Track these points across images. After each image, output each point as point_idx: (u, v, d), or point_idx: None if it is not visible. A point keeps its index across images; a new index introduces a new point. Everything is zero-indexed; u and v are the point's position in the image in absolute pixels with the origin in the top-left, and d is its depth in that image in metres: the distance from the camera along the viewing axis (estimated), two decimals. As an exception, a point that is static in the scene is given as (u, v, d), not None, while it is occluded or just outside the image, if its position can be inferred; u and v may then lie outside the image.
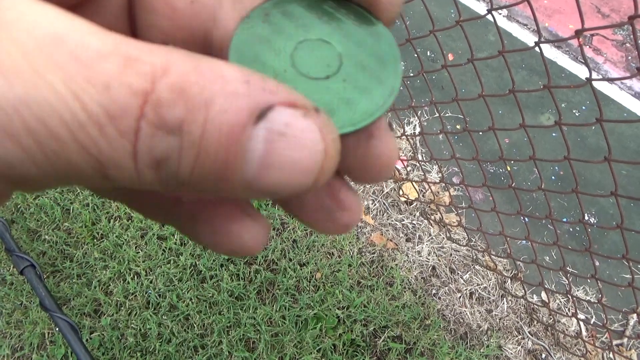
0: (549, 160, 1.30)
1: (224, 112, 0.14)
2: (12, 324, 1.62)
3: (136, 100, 0.13)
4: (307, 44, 0.20)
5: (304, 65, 0.19)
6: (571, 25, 2.84)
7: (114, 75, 0.13)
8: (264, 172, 0.15)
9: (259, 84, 0.15)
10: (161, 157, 0.14)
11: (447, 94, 2.39)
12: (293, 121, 0.15)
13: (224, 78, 0.14)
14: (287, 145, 0.15)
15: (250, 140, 0.14)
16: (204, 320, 1.65)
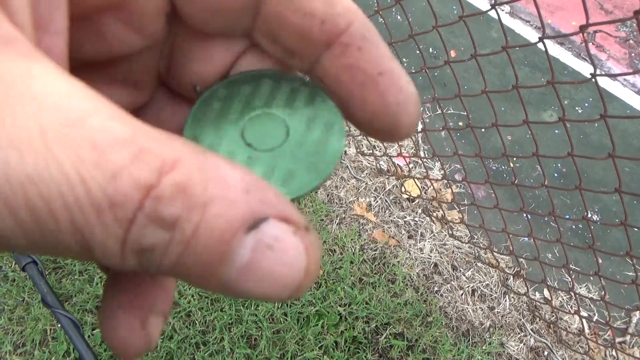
0: (552, 157, 1.29)
1: (219, 217, 0.14)
2: (14, 320, 1.62)
3: (138, 193, 0.14)
4: (255, 119, 0.21)
5: (256, 140, 0.21)
6: (574, 22, 2.83)
7: (123, 166, 0.14)
8: (243, 279, 0.15)
9: (258, 195, 0.15)
10: (148, 247, 0.15)
11: (449, 90, 2.38)
12: (282, 236, 0.15)
13: (226, 183, 0.15)
14: (272, 258, 0.15)
15: (238, 247, 0.15)
16: (205, 317, 1.65)
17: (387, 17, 2.08)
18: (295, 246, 0.15)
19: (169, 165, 0.14)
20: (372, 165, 2.07)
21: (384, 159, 2.07)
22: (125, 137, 0.14)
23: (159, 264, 0.15)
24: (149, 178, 0.14)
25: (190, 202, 0.14)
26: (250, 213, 0.15)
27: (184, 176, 0.14)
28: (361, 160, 2.09)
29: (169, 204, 0.14)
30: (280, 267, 0.15)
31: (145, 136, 0.15)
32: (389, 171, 2.05)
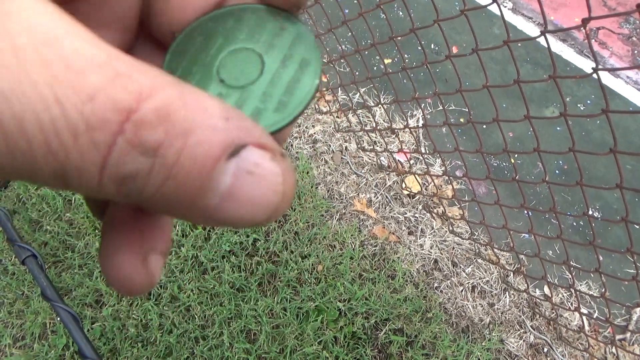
0: (553, 152, 1.29)
1: (201, 144, 0.15)
2: (13, 313, 1.62)
3: (118, 115, 0.14)
4: (233, 54, 0.21)
5: (230, 76, 0.21)
6: (577, 18, 2.81)
7: (100, 87, 0.14)
8: (225, 204, 0.16)
9: (237, 122, 0.16)
10: (129, 175, 0.14)
11: (450, 86, 2.37)
12: (261, 162, 0.16)
13: (207, 111, 0.15)
14: (252, 183, 0.16)
15: (220, 173, 0.15)
16: (205, 311, 1.65)
17: (389, 12, 2.07)
18: (273, 171, 0.16)
19: (147, 91, 0.14)
20: (373, 161, 2.06)
21: (385, 155, 2.06)
22: (100, 60, 0.14)
23: (140, 192, 0.15)
24: (128, 101, 0.14)
25: (172, 128, 0.14)
26: (231, 140, 0.15)
27: (164, 102, 0.14)
28: (362, 156, 2.08)
29: (151, 130, 0.14)
30: (259, 190, 0.16)
31: (122, 62, 0.14)
32: (390, 167, 2.04)
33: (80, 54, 0.14)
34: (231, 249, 1.76)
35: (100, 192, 0.15)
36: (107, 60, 0.14)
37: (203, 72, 0.21)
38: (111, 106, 0.14)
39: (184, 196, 0.15)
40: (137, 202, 0.15)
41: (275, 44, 0.22)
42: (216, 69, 0.21)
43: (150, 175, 0.15)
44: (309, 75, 0.21)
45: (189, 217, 0.16)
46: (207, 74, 0.21)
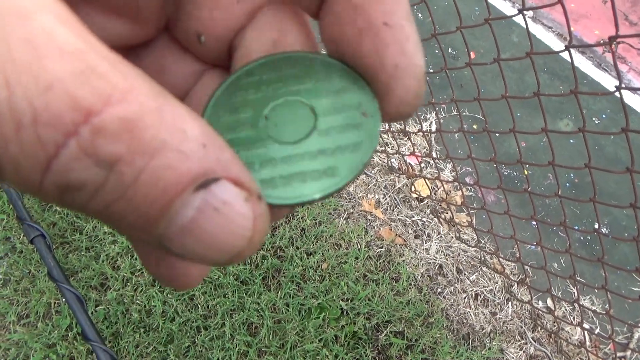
0: (568, 167, 1.28)
1: (167, 168, 0.13)
2: (19, 291, 1.63)
3: (74, 115, 0.12)
4: (279, 108, 0.19)
5: (279, 131, 0.19)
6: (597, 31, 2.79)
7: (62, 78, 0.12)
8: (182, 238, 0.14)
9: (215, 153, 0.14)
10: (75, 184, 0.13)
11: (465, 92, 2.36)
12: (232, 201, 0.14)
13: (184, 133, 0.13)
14: (216, 222, 0.14)
15: (183, 205, 0.13)
16: (208, 301, 1.66)
17: (409, 14, 2.06)
18: (243, 214, 0.14)
19: (119, 95, 0.12)
20: (384, 162, 2.06)
21: (396, 157, 2.06)
22: (73, 48, 0.12)
23: (84, 205, 0.13)
24: (92, 102, 0.12)
25: (137, 144, 0.13)
26: (202, 170, 0.14)
27: (135, 113, 0.12)
28: (372, 157, 2.08)
29: (110, 140, 0.12)
30: (223, 232, 0.14)
31: (98, 55, 0.13)
32: (400, 169, 2.04)
33: (50, 36, 0.12)
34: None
35: (40, 195, 0.13)
36: (81, 49, 0.12)
37: (253, 128, 0.19)
38: (69, 102, 0.12)
39: (137, 220, 0.14)
40: (81, 212, 0.14)
41: (331, 103, 0.19)
42: (265, 124, 0.19)
43: (101, 190, 0.13)
44: (359, 153, 0.19)
45: (138, 239, 0.15)
46: (258, 131, 0.19)
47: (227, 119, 0.19)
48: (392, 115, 0.18)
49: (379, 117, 0.19)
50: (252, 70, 0.20)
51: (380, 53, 0.17)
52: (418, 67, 0.17)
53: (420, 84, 0.18)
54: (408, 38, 0.17)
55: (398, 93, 0.18)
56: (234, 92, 0.20)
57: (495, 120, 2.24)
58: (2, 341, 1.54)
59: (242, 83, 0.20)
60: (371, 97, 0.19)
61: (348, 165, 0.18)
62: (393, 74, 0.17)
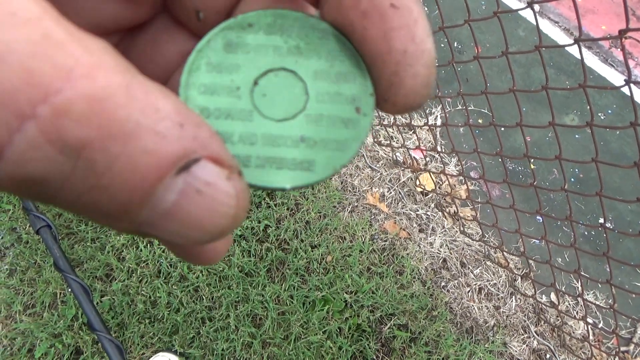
0: (575, 161, 1.28)
1: (145, 153, 0.12)
2: (25, 281, 1.64)
3: (31, 92, 0.10)
4: (272, 76, 0.18)
5: (266, 103, 0.18)
6: (604, 26, 2.78)
7: (17, 50, 0.10)
8: (164, 223, 0.13)
9: (192, 131, 0.13)
10: (36, 176, 0.11)
11: (471, 86, 2.35)
12: (215, 181, 0.13)
13: (158, 112, 0.12)
14: (200, 204, 0.13)
15: (164, 190, 0.13)
16: (213, 293, 1.67)
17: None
18: (226, 192, 0.14)
19: (83, 70, 0.11)
20: (388, 156, 2.06)
21: (401, 151, 2.06)
22: (30, 15, 0.11)
23: (51, 198, 0.12)
24: (51, 77, 0.10)
25: (108, 126, 0.11)
26: (183, 152, 0.12)
27: (103, 90, 0.11)
28: (377, 150, 2.08)
29: (77, 123, 0.11)
30: (207, 212, 0.13)
31: (59, 26, 0.11)
32: (405, 163, 2.04)
33: (3, 2, 0.10)
34: (242, 233, 1.78)
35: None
36: (39, 16, 0.11)
37: (238, 98, 0.18)
38: (23, 77, 0.10)
39: (114, 210, 0.12)
40: (49, 205, 0.13)
41: (323, 73, 0.18)
42: (251, 95, 0.18)
43: (69, 180, 0.11)
44: (354, 128, 0.18)
45: (119, 229, 0.14)
46: (242, 101, 0.18)
47: (210, 78, 0.18)
48: (400, 106, 0.17)
49: (371, 117, 0.18)
50: (252, 22, 0.18)
51: (387, 38, 0.16)
52: (428, 53, 0.16)
53: (431, 71, 0.16)
54: (417, 21, 0.16)
55: (407, 82, 0.16)
56: (226, 45, 0.18)
57: (500, 115, 2.24)
58: (9, 330, 1.55)
59: (235, 36, 0.18)
60: (370, 91, 0.18)
61: (326, 163, 0.17)
62: (401, 61, 0.16)
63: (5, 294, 1.60)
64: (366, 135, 0.18)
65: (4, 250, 1.71)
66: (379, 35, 0.16)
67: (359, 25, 0.16)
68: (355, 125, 0.18)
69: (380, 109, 0.18)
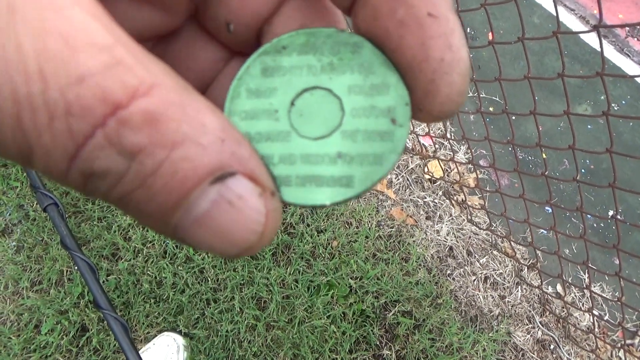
0: (588, 152, 1.26)
1: (186, 160, 0.13)
2: (32, 258, 1.65)
3: (104, 107, 0.12)
4: (307, 95, 0.19)
5: (303, 122, 0.18)
6: (620, 14, 2.71)
7: (94, 72, 0.12)
8: (196, 229, 0.15)
9: (232, 147, 0.14)
10: (99, 172, 0.13)
11: (483, 74, 2.32)
12: (247, 196, 0.15)
13: (204, 127, 0.14)
14: (230, 215, 0.14)
15: (199, 197, 0.14)
16: (218, 275, 1.67)
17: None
18: (256, 209, 0.15)
19: (144, 89, 0.13)
20: (397, 142, 2.04)
21: (410, 137, 2.03)
22: (104, 43, 0.13)
23: (107, 192, 0.14)
24: (120, 95, 0.13)
25: (159, 136, 0.13)
26: (219, 164, 0.14)
27: (159, 106, 0.13)
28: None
29: (135, 131, 0.13)
30: (236, 225, 0.15)
31: (127, 50, 0.13)
32: (414, 150, 2.02)
33: (82, 30, 0.12)
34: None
35: (65, 182, 0.14)
36: (111, 44, 0.13)
37: (275, 120, 0.18)
38: (99, 95, 0.12)
39: (154, 209, 0.14)
40: (103, 200, 0.15)
41: (358, 86, 0.18)
42: (289, 115, 0.18)
43: (123, 178, 0.13)
44: (389, 145, 0.18)
45: (156, 229, 0.15)
46: (280, 123, 0.18)
47: (250, 104, 0.19)
48: (435, 113, 0.17)
49: (407, 127, 0.18)
50: (286, 44, 0.19)
51: (425, 46, 0.16)
52: (464, 61, 0.16)
53: (465, 80, 0.17)
54: (454, 30, 0.16)
55: (443, 90, 0.16)
56: (263, 70, 0.19)
57: (512, 103, 2.20)
58: (16, 306, 1.57)
59: (271, 60, 0.19)
60: (405, 101, 0.18)
61: (364, 178, 0.18)
62: (438, 69, 0.16)
63: (12, 270, 1.62)
64: (403, 146, 0.18)
65: (11, 227, 1.72)
66: (416, 43, 0.16)
67: (395, 34, 0.17)
68: (391, 137, 0.18)
69: (415, 119, 0.18)
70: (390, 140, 0.18)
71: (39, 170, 0.14)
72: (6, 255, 1.64)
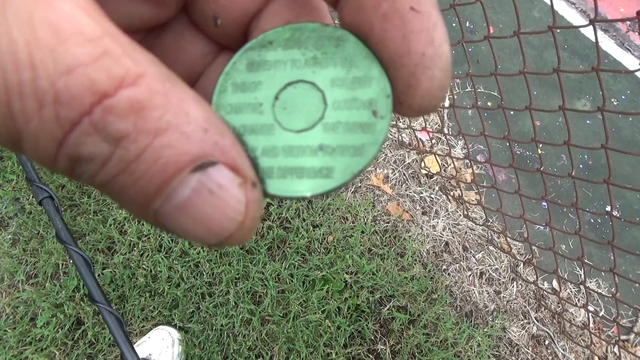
0: (584, 147, 1.25)
1: (169, 147, 0.14)
2: (28, 251, 1.65)
3: (91, 96, 0.13)
4: (291, 89, 0.19)
5: (286, 115, 0.19)
6: (622, 8, 2.69)
7: (82, 63, 0.13)
8: (176, 215, 0.15)
9: (215, 137, 0.15)
10: (85, 157, 0.14)
11: (481, 68, 2.30)
12: (227, 185, 0.15)
13: (187, 116, 0.14)
14: (210, 204, 0.15)
15: (180, 184, 0.14)
16: (213, 269, 1.67)
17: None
18: (236, 198, 0.15)
19: (130, 79, 0.13)
20: (394, 137, 2.03)
21: (407, 132, 2.03)
22: (92, 34, 0.13)
23: (92, 176, 0.14)
24: (106, 85, 0.13)
25: (143, 123, 0.13)
26: (201, 153, 0.14)
27: (144, 95, 0.13)
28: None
29: (119, 118, 0.13)
30: (216, 214, 0.15)
31: (114, 41, 0.13)
32: (411, 145, 2.01)
33: (73, 22, 0.13)
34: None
35: (54, 166, 0.14)
36: (99, 35, 0.13)
37: (260, 113, 0.19)
38: (87, 85, 0.13)
39: (136, 194, 0.14)
40: (88, 184, 0.15)
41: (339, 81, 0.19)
42: (273, 109, 0.19)
43: (107, 163, 0.14)
44: (374, 132, 0.18)
45: (138, 214, 0.15)
46: (264, 116, 0.19)
47: (236, 98, 0.19)
48: (415, 107, 0.17)
49: (388, 120, 0.18)
50: (272, 39, 0.19)
51: (406, 40, 0.16)
52: (445, 57, 0.17)
53: (446, 75, 0.17)
54: (436, 25, 0.16)
55: (423, 84, 0.17)
56: (249, 65, 0.19)
57: (510, 98, 2.19)
58: (12, 299, 1.57)
59: (257, 55, 0.19)
60: (387, 93, 0.18)
61: (344, 169, 0.18)
62: (419, 63, 0.16)
63: (8, 263, 1.62)
64: (384, 138, 0.18)
65: (7, 220, 1.72)
66: (398, 37, 0.16)
67: (378, 28, 0.17)
68: (372, 129, 0.18)
69: (397, 112, 0.18)
70: (371, 132, 0.18)
71: (28, 155, 0.14)
72: (2, 248, 1.65)
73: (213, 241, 0.16)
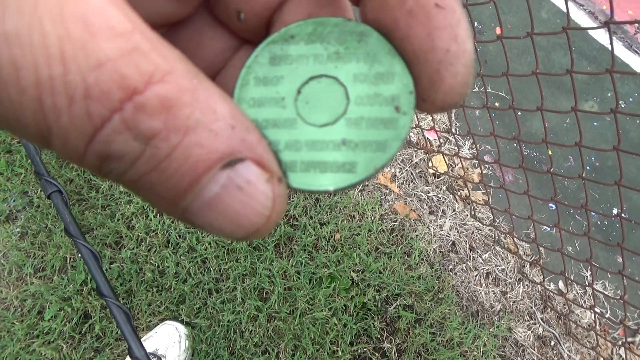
0: (595, 149, 1.25)
1: (198, 146, 0.14)
2: (36, 245, 1.66)
3: (121, 92, 0.13)
4: (314, 84, 0.19)
5: (308, 110, 0.19)
6: (630, 11, 2.69)
7: (112, 58, 0.13)
8: (206, 212, 0.15)
9: (241, 134, 0.15)
10: (115, 155, 0.14)
11: (489, 68, 2.30)
12: (255, 181, 0.15)
13: (215, 114, 0.14)
14: (239, 199, 0.15)
15: (209, 181, 0.14)
16: (220, 265, 1.67)
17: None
18: (264, 194, 0.15)
19: (159, 75, 0.13)
20: (402, 136, 2.03)
21: (415, 131, 2.03)
22: (122, 29, 0.13)
23: (121, 174, 0.14)
24: (136, 80, 0.13)
25: (173, 121, 0.14)
26: (230, 150, 0.14)
27: (173, 92, 0.13)
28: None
29: (150, 116, 0.13)
30: (244, 209, 0.15)
31: (144, 37, 0.13)
32: (418, 144, 2.01)
33: (103, 17, 0.13)
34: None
35: (82, 163, 0.14)
36: (129, 30, 0.13)
37: (282, 107, 0.19)
38: (117, 80, 0.13)
39: (166, 192, 0.15)
40: (116, 181, 0.15)
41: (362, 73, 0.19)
42: (295, 104, 0.19)
43: (137, 161, 0.14)
44: (392, 131, 0.18)
45: (166, 211, 0.15)
46: (287, 110, 0.19)
47: (258, 92, 0.19)
48: (438, 103, 0.18)
49: (411, 115, 0.18)
50: (294, 33, 0.19)
51: (432, 36, 0.16)
52: (469, 53, 0.17)
53: (470, 72, 0.17)
54: (460, 22, 0.16)
55: (447, 80, 0.17)
56: (271, 59, 0.19)
57: (518, 99, 2.19)
58: (19, 292, 1.58)
59: (279, 49, 0.19)
60: (409, 89, 0.18)
61: (367, 164, 0.18)
62: (443, 59, 0.16)
63: (16, 256, 1.62)
64: (406, 134, 0.18)
65: (15, 213, 1.72)
66: (423, 33, 0.17)
67: (403, 24, 0.17)
68: (395, 124, 0.18)
69: (419, 109, 0.18)
70: (393, 127, 0.18)
71: (56, 151, 0.14)
72: (10, 242, 1.65)
73: (241, 235, 0.16)
